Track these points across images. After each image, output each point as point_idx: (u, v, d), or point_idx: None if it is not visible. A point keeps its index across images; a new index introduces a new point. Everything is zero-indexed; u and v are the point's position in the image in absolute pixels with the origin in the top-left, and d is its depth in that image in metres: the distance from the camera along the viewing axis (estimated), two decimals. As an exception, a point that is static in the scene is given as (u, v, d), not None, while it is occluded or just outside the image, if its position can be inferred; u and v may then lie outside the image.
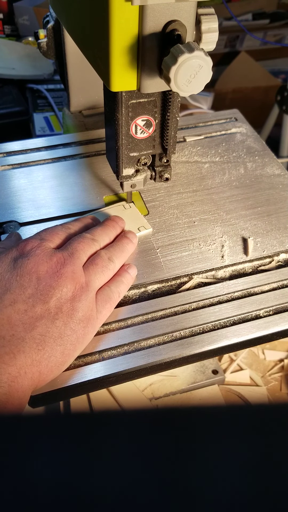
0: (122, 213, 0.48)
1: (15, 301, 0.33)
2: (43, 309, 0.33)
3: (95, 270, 0.38)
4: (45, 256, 0.36)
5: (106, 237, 0.41)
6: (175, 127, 0.41)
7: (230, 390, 0.56)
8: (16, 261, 0.35)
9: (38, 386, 0.34)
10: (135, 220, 0.48)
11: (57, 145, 0.57)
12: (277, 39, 1.71)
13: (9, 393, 0.30)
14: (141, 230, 0.47)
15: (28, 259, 0.35)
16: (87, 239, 0.39)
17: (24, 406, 0.32)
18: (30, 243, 0.37)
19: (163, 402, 0.53)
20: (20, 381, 0.31)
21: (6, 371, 0.30)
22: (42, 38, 0.55)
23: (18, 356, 0.31)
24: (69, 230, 0.41)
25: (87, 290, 0.36)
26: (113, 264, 0.39)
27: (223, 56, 1.68)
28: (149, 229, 0.47)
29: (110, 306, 0.38)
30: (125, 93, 0.37)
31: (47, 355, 0.33)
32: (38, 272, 0.35)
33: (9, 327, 0.32)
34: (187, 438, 0.15)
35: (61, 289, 0.34)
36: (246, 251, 0.46)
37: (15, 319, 0.33)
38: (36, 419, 0.17)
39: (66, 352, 0.34)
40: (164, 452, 0.14)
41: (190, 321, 0.40)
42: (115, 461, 0.14)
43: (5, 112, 0.96)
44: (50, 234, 0.39)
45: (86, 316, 0.35)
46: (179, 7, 0.32)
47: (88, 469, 0.13)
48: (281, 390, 0.57)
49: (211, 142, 0.59)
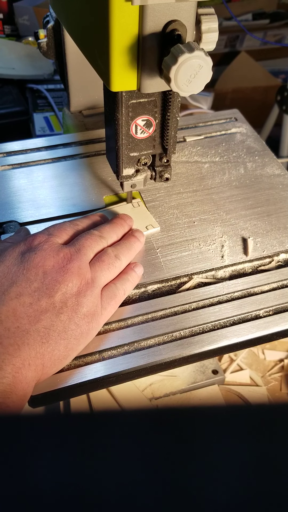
0: (130, 211, 0.48)
1: (21, 294, 0.34)
2: (48, 303, 0.34)
3: (101, 267, 0.38)
4: (52, 251, 0.36)
5: (114, 234, 0.42)
6: (175, 127, 0.41)
7: (230, 390, 0.56)
8: (24, 255, 0.36)
9: (41, 379, 0.34)
10: (143, 219, 0.48)
11: (57, 145, 0.57)
12: (277, 39, 1.71)
13: (14, 383, 0.31)
14: (149, 229, 0.47)
15: (35, 254, 0.36)
16: (94, 236, 0.39)
17: (28, 398, 0.33)
18: (38, 238, 0.37)
19: (163, 402, 0.53)
20: (24, 372, 0.32)
21: (10, 362, 0.31)
22: (42, 38, 0.55)
23: (23, 347, 0.32)
24: (77, 226, 0.41)
25: (93, 286, 0.36)
26: (119, 262, 0.40)
27: (223, 56, 1.67)
28: (157, 228, 0.47)
29: (115, 303, 0.38)
30: (125, 93, 0.37)
31: (51, 348, 0.33)
32: (44, 267, 0.35)
33: (14, 319, 0.33)
34: (187, 438, 0.15)
35: (66, 284, 0.35)
36: (246, 251, 0.46)
37: (20, 311, 0.33)
38: (36, 419, 0.17)
39: (70, 346, 0.34)
40: (164, 452, 0.14)
41: (190, 321, 0.40)
42: (115, 461, 0.14)
43: (5, 112, 0.96)
44: (58, 230, 0.39)
45: (90, 312, 0.36)
46: (179, 7, 0.32)
47: (87, 469, 0.13)
48: (281, 390, 0.57)
49: (211, 142, 0.59)
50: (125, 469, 0.14)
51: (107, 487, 0.13)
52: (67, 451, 0.14)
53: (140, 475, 0.13)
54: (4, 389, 0.30)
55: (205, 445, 0.14)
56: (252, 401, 0.55)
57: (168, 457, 0.14)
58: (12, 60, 1.08)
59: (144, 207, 0.49)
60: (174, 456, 0.14)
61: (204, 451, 0.14)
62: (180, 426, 0.15)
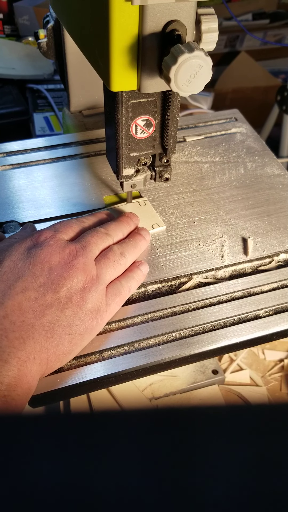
0: (137, 210, 0.48)
1: (27, 288, 0.34)
2: (54, 298, 0.34)
3: (107, 264, 0.38)
4: (58, 247, 0.36)
5: (120, 232, 0.42)
6: (175, 127, 0.41)
7: (230, 390, 0.56)
8: (30, 251, 0.36)
9: (45, 373, 0.34)
10: (150, 217, 0.48)
11: (57, 145, 0.57)
12: (277, 39, 1.71)
13: (19, 376, 0.31)
14: (155, 228, 0.47)
15: (42, 249, 0.36)
16: (100, 233, 0.40)
17: (32, 391, 0.33)
18: (44, 234, 0.38)
19: (163, 402, 0.53)
20: (29, 366, 0.32)
21: (16, 355, 0.31)
22: (42, 38, 0.55)
23: (28, 341, 0.32)
24: (83, 224, 0.41)
25: (98, 283, 0.36)
26: (125, 259, 0.40)
27: (223, 56, 1.67)
28: (163, 227, 0.47)
29: (120, 300, 0.39)
30: (125, 93, 0.37)
31: (56, 343, 0.34)
32: (50, 262, 0.35)
33: (19, 313, 0.33)
34: (187, 438, 0.15)
35: (72, 279, 0.35)
36: (246, 251, 0.46)
37: (26, 306, 0.33)
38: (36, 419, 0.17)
39: (74, 341, 0.35)
40: (164, 452, 0.14)
41: (190, 321, 0.40)
42: (115, 461, 0.14)
43: (5, 112, 0.96)
44: (64, 226, 0.39)
45: (95, 308, 0.36)
46: (179, 7, 0.32)
47: (87, 469, 0.13)
48: (281, 390, 0.57)
49: (211, 142, 0.59)
50: (125, 469, 0.14)
51: (107, 487, 0.13)
52: (67, 451, 0.14)
53: (140, 475, 0.13)
54: (10, 382, 0.31)
55: (205, 445, 0.14)
56: (252, 401, 0.55)
57: (168, 457, 0.14)
58: (12, 60, 1.08)
59: (150, 205, 0.49)
60: (174, 456, 0.14)
61: (204, 451, 0.14)
62: (180, 426, 0.15)
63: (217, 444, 0.15)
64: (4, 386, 0.30)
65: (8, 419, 0.17)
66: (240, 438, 0.15)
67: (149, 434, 0.15)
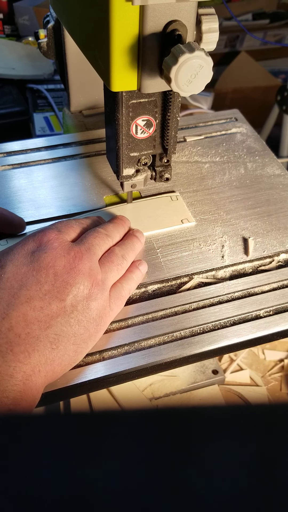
0: (168, 204, 0.49)
1: (32, 297, 0.33)
2: (59, 307, 0.33)
3: (111, 268, 0.38)
4: (62, 250, 0.35)
5: (117, 234, 0.42)
6: (176, 127, 0.41)
7: (230, 390, 0.56)
8: (34, 254, 0.35)
9: (50, 382, 0.34)
10: (180, 212, 0.48)
11: (57, 145, 0.57)
12: (277, 39, 1.71)
13: (24, 390, 0.31)
14: (184, 222, 0.47)
15: (46, 253, 0.34)
16: (101, 234, 0.39)
17: (36, 403, 0.32)
18: (47, 235, 0.36)
19: (163, 402, 0.53)
20: (34, 379, 0.31)
21: (21, 369, 0.31)
22: (42, 38, 0.55)
23: (33, 354, 0.31)
24: (82, 224, 0.41)
25: (102, 288, 0.36)
26: (126, 262, 0.40)
27: (223, 56, 1.68)
28: (193, 222, 0.48)
29: (121, 303, 0.39)
30: (125, 93, 0.37)
31: (61, 354, 0.33)
32: (55, 267, 0.34)
33: (24, 325, 0.32)
34: (187, 438, 0.15)
35: (78, 286, 0.34)
36: (246, 251, 0.46)
37: (31, 316, 0.32)
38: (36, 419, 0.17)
39: (79, 350, 0.34)
40: (164, 452, 0.14)
41: (190, 321, 0.40)
42: (115, 461, 0.14)
43: (5, 112, 0.96)
44: (66, 226, 0.38)
45: (99, 315, 0.35)
46: (179, 7, 0.32)
47: (87, 469, 0.13)
48: (281, 390, 0.57)
49: (211, 142, 0.59)
50: (125, 469, 0.14)
51: (107, 487, 0.13)
52: (67, 451, 0.14)
53: (140, 475, 0.13)
54: (15, 396, 0.30)
55: (205, 445, 0.14)
56: (252, 401, 0.55)
57: (168, 457, 0.14)
58: (12, 60, 1.08)
59: (182, 200, 0.49)
60: (174, 456, 0.14)
61: (204, 451, 0.14)
62: (180, 426, 0.15)
63: (217, 444, 0.15)
64: (10, 401, 0.30)
65: (7, 418, 0.17)
66: (240, 438, 0.15)
67: (149, 434, 0.15)
